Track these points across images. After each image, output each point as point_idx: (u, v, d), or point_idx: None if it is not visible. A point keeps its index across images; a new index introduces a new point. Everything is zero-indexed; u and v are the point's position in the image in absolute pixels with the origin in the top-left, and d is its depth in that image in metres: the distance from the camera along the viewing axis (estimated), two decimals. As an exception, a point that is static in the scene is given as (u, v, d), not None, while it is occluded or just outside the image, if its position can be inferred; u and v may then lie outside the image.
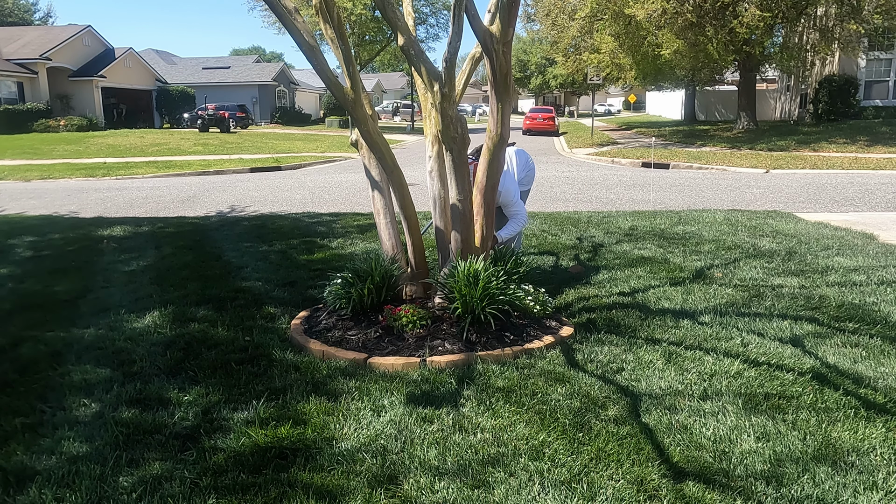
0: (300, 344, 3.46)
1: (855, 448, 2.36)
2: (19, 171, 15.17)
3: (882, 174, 12.78)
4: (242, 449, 2.39)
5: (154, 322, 3.86)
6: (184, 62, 47.91)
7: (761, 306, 4.10)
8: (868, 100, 23.11)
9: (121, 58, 33.91)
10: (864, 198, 9.58)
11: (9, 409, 2.74)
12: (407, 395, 2.83)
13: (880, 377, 2.99)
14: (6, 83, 29.42)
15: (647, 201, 9.38)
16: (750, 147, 18.61)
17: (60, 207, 9.65)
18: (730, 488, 2.14)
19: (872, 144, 17.41)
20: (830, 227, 6.90)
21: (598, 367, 3.16)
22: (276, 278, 4.89)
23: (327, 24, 3.76)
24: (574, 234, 6.54)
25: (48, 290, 4.70)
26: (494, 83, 3.59)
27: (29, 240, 6.72)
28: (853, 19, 17.96)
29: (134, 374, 3.11)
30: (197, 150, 20.73)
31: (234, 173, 15.48)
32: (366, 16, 33.24)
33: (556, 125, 32.48)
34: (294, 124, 40.19)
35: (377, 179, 4.15)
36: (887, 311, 3.95)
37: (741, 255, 5.52)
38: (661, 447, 2.38)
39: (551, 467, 2.24)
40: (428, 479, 2.17)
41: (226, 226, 7.51)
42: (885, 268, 5.04)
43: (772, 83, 31.22)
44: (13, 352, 3.44)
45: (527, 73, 57.07)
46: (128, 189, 12.20)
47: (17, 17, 48.18)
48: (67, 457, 2.36)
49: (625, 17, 19.87)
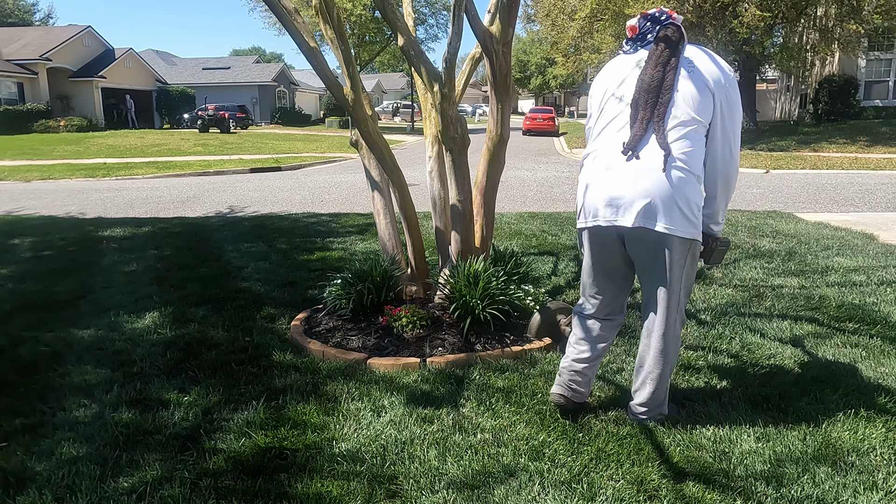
0: (300, 344, 3.46)
1: (855, 448, 2.36)
2: (19, 172, 15.17)
3: (882, 174, 12.78)
4: (242, 449, 2.39)
5: (154, 322, 3.86)
6: (184, 63, 47.93)
7: (761, 306, 4.10)
8: (868, 100, 23.10)
9: (121, 58, 33.92)
10: (864, 198, 9.58)
11: (9, 410, 2.74)
12: (407, 395, 2.83)
13: (880, 377, 2.99)
14: (6, 84, 29.43)
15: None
16: (750, 147, 18.61)
17: (60, 208, 9.66)
18: (730, 488, 2.14)
19: (872, 144, 17.41)
20: (830, 227, 6.90)
21: (599, 367, 3.15)
22: (275, 279, 4.89)
23: (327, 25, 3.76)
24: (574, 235, 6.54)
25: (48, 290, 4.70)
26: (494, 83, 3.59)
27: (29, 240, 6.72)
28: (853, 19, 17.96)
29: (134, 374, 3.11)
30: (197, 151, 20.73)
31: (234, 174, 15.48)
32: (366, 16, 33.25)
33: (556, 125, 32.48)
34: (294, 125, 40.20)
35: (377, 180, 4.15)
36: (887, 311, 3.95)
37: (741, 256, 5.52)
38: (661, 447, 2.38)
39: (551, 467, 2.24)
40: (428, 480, 2.17)
41: (226, 226, 7.51)
42: (885, 268, 5.04)
43: (772, 83, 31.22)
44: (13, 352, 3.44)
45: (527, 74, 57.11)
46: (128, 189, 12.20)
47: (17, 17, 48.18)
48: (67, 458, 2.35)
49: (625, 17, 19.86)
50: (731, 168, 2.40)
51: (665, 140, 2.29)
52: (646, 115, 2.33)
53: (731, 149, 2.38)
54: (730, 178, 2.42)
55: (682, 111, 2.31)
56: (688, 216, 2.30)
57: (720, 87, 2.34)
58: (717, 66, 2.37)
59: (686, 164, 2.29)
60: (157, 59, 44.76)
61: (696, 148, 2.32)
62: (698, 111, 2.31)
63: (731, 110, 2.35)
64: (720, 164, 2.37)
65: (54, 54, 30.66)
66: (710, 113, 2.33)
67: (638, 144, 2.32)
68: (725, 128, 2.35)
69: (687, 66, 2.37)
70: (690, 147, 2.30)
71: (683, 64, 2.37)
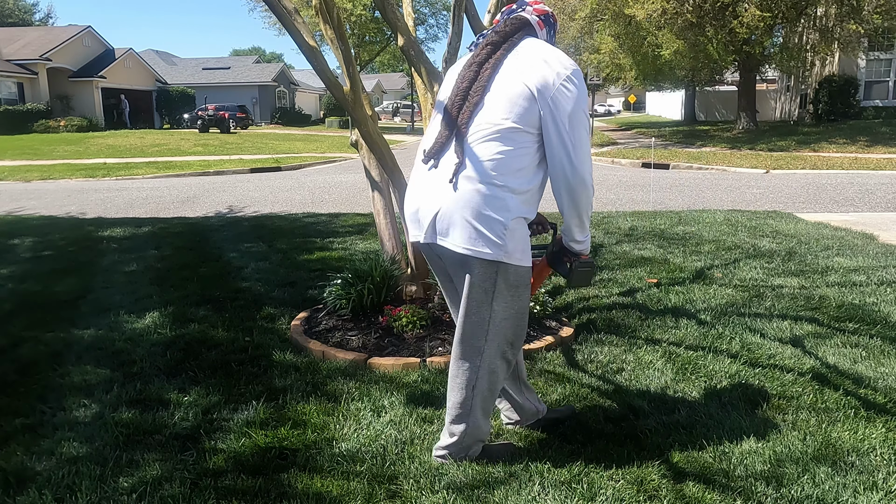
0: (300, 344, 3.46)
1: (855, 448, 2.36)
2: (19, 172, 15.17)
3: (882, 174, 12.78)
4: (242, 449, 2.39)
5: (154, 322, 3.86)
6: (184, 63, 47.96)
7: (761, 306, 4.10)
8: (868, 100, 23.11)
9: (121, 58, 33.95)
10: (864, 198, 9.58)
11: (9, 410, 2.74)
12: (407, 395, 2.83)
13: (880, 377, 2.99)
14: (6, 84, 29.45)
15: (647, 201, 9.38)
16: (750, 147, 18.62)
17: (60, 208, 9.66)
18: (730, 488, 2.14)
19: (872, 144, 17.41)
20: (830, 227, 6.90)
21: (598, 367, 3.16)
22: (276, 279, 4.89)
23: (327, 25, 3.76)
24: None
25: (48, 290, 4.70)
26: (494, 83, 3.58)
27: (29, 240, 6.72)
28: (853, 19, 17.98)
29: (134, 374, 3.11)
30: (197, 151, 20.73)
31: (234, 174, 15.49)
32: (366, 16, 33.28)
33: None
34: (294, 125, 40.21)
35: (377, 180, 4.15)
36: (887, 311, 3.95)
37: (741, 256, 5.52)
38: (661, 447, 2.38)
39: (551, 467, 2.24)
40: (428, 480, 2.17)
41: (226, 226, 7.51)
42: (885, 268, 5.04)
43: (772, 83, 31.23)
44: (13, 352, 3.44)
45: (527, 74, 56.92)
46: (128, 189, 12.21)
47: (17, 17, 48.21)
48: (67, 457, 2.35)
49: (625, 17, 19.89)
50: (575, 181, 2.04)
51: (462, 147, 2.04)
52: (452, 119, 2.10)
53: (572, 159, 2.02)
54: (575, 192, 2.07)
55: (491, 115, 2.03)
56: (484, 233, 2.00)
57: (546, 89, 2.01)
58: (547, 66, 2.04)
59: (486, 174, 2.00)
60: (157, 60, 44.79)
61: (512, 157, 2.01)
62: (516, 116, 2.01)
63: (561, 115, 2.01)
64: (560, 176, 2.04)
65: (54, 54, 30.67)
66: (534, 118, 2.02)
67: (439, 152, 2.10)
68: (560, 135, 2.01)
69: (512, 65, 2.08)
70: (500, 155, 2.01)
71: (509, 62, 2.09)
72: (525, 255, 2.10)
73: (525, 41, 2.14)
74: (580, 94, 2.06)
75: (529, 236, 2.18)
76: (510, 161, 2.02)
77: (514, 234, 2.05)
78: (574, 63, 2.11)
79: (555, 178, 2.06)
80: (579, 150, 2.04)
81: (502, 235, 2.02)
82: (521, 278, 2.11)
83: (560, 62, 2.06)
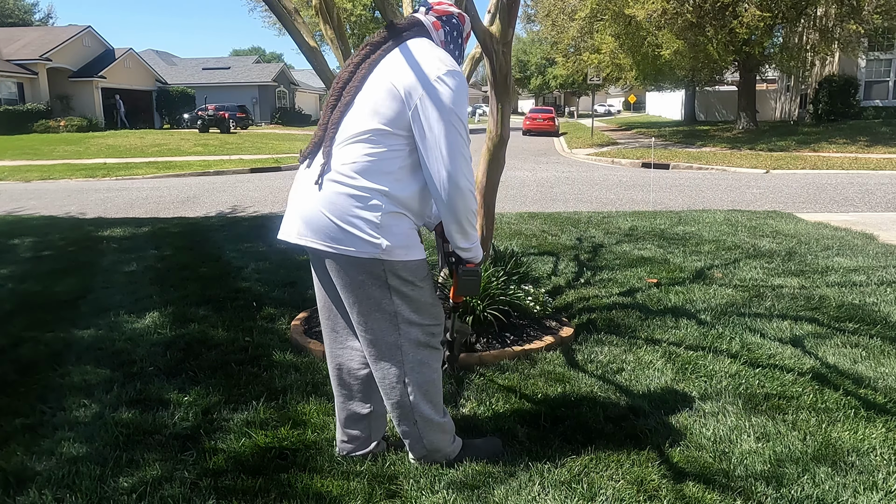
0: (300, 344, 3.46)
1: (855, 448, 2.36)
2: (19, 172, 15.17)
3: (882, 174, 12.79)
4: (242, 449, 2.39)
5: (154, 322, 3.86)
6: (184, 63, 47.97)
7: (761, 306, 4.10)
8: (868, 100, 23.13)
9: (121, 58, 33.95)
10: (863, 198, 9.58)
11: (9, 410, 2.74)
12: (407, 395, 2.83)
13: (880, 377, 2.99)
14: (6, 84, 29.44)
15: (647, 202, 9.38)
16: (750, 147, 18.62)
17: (60, 208, 9.66)
18: (730, 488, 2.14)
19: (872, 144, 17.42)
20: (830, 227, 6.90)
21: (598, 367, 3.16)
22: (276, 279, 4.89)
23: (327, 25, 3.76)
24: (574, 235, 6.54)
25: (48, 290, 4.70)
26: (494, 84, 3.59)
27: (29, 240, 6.72)
28: (853, 19, 17.98)
29: (134, 374, 3.11)
30: (197, 151, 20.73)
31: (234, 174, 15.49)
32: (366, 16, 33.26)
33: (556, 125, 32.48)
34: (294, 125, 40.22)
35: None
36: (887, 312, 3.95)
37: (741, 256, 5.53)
38: (661, 447, 2.38)
39: (551, 467, 2.24)
40: (428, 480, 2.17)
41: (226, 226, 7.51)
42: (885, 268, 5.04)
43: (772, 83, 31.23)
44: (13, 352, 3.44)
45: (527, 74, 57.05)
46: (128, 189, 12.21)
47: (17, 17, 48.20)
48: (67, 457, 2.35)
49: (625, 17, 19.89)
50: (449, 185, 1.96)
51: (329, 149, 2.02)
52: (325, 119, 2.09)
53: (444, 163, 1.95)
54: (450, 197, 1.98)
55: (360, 115, 1.99)
56: (350, 231, 1.97)
57: (414, 89, 1.94)
58: (420, 65, 1.97)
59: (351, 177, 1.96)
60: (157, 60, 44.81)
61: (382, 159, 1.96)
62: (382, 117, 1.96)
63: (431, 117, 1.94)
64: (434, 183, 1.98)
65: (54, 54, 30.66)
66: (404, 119, 1.96)
67: (313, 152, 2.09)
68: (435, 140, 1.94)
69: (386, 65, 2.03)
70: (367, 157, 1.96)
71: (386, 62, 2.04)
72: (410, 250, 2.04)
73: (411, 41, 2.07)
74: (455, 94, 1.96)
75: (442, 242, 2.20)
76: (379, 164, 1.97)
77: (391, 230, 1.99)
78: (453, 62, 2.04)
79: (429, 182, 2.00)
80: (453, 154, 1.96)
81: (374, 233, 1.97)
82: (414, 272, 2.06)
83: (435, 61, 1.99)
